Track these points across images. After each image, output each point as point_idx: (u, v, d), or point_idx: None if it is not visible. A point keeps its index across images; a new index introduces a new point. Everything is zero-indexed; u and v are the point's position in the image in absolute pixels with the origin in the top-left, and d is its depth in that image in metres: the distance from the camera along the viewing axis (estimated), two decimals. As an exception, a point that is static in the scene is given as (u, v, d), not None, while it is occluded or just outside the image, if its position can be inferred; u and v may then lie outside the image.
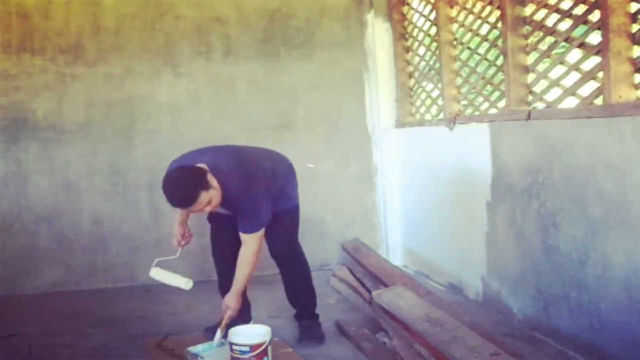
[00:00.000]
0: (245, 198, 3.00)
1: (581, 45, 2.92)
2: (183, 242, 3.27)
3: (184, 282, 3.08)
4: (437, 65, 4.31)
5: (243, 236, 3.03)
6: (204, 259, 4.69)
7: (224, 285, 3.27)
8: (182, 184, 2.83)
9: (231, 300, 3.05)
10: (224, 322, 3.02)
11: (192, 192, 2.82)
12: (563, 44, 3.10)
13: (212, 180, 2.88)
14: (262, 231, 3.04)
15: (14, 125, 4.45)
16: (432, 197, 4.37)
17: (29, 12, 4.46)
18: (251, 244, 3.02)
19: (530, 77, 3.33)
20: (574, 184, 2.86)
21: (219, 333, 3.01)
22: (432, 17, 4.38)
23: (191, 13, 4.68)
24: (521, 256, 3.31)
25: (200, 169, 2.91)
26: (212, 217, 3.32)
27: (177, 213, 3.29)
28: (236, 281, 3.07)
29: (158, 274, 3.18)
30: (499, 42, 3.55)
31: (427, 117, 4.58)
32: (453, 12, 4.13)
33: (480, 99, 3.97)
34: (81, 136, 4.54)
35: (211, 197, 2.87)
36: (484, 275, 3.69)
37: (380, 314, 3.19)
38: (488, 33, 3.75)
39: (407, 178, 4.80)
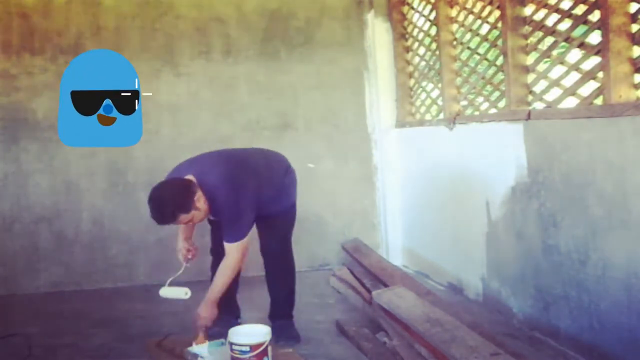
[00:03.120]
0: (231, 208, 2.98)
1: (581, 45, 2.92)
2: (189, 257, 3.23)
3: (183, 293, 3.07)
4: (437, 65, 4.31)
5: (226, 245, 3.00)
6: (202, 259, 4.71)
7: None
8: (162, 205, 2.83)
9: (203, 310, 2.97)
10: (196, 332, 2.94)
11: (171, 216, 2.84)
12: (563, 44, 3.10)
13: (199, 199, 2.89)
14: (245, 240, 3.00)
15: (14, 125, 4.45)
16: (432, 197, 4.37)
17: (29, 12, 4.46)
18: (234, 254, 2.99)
19: (530, 77, 3.33)
20: (574, 184, 2.86)
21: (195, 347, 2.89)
22: (432, 17, 4.38)
23: (191, 13, 4.68)
24: (521, 256, 3.31)
25: (189, 187, 2.88)
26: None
27: (180, 227, 3.26)
28: (212, 290, 3.02)
29: (166, 292, 3.16)
30: (499, 42, 3.55)
31: (427, 117, 4.57)
32: (453, 12, 4.13)
33: (480, 99, 3.96)
34: (81, 136, 4.54)
35: (192, 216, 2.89)
36: (484, 275, 3.69)
37: (380, 314, 3.19)
38: (488, 33, 3.75)
39: (407, 178, 4.80)
